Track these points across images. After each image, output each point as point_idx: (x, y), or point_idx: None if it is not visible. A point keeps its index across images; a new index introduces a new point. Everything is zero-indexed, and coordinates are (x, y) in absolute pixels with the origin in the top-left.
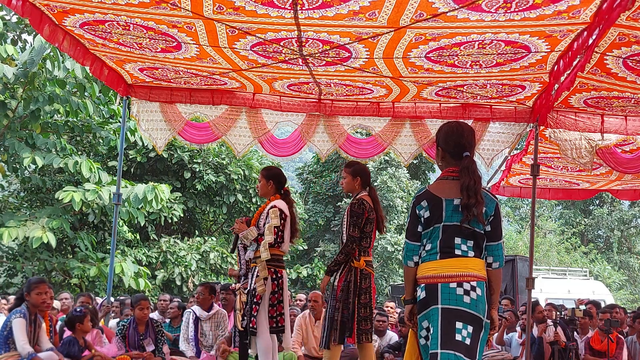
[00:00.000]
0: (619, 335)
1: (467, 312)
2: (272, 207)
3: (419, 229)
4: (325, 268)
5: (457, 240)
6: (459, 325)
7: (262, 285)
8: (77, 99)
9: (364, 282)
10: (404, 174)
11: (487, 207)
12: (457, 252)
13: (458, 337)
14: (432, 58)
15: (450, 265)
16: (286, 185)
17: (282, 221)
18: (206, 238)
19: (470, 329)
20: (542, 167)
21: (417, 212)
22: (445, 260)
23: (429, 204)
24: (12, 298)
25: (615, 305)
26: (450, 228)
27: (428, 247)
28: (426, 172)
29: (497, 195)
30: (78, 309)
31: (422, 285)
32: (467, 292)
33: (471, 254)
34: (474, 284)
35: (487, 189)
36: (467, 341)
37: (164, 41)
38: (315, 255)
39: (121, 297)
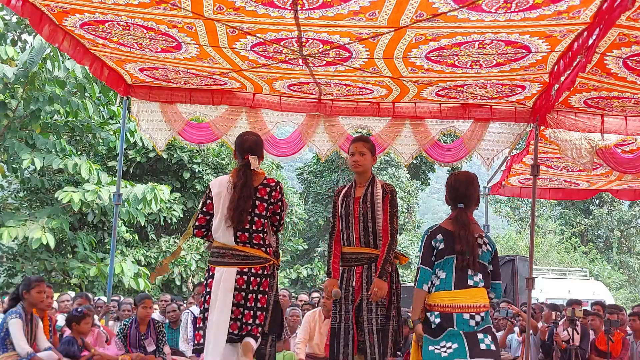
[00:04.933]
0: (625, 336)
1: (484, 327)
2: None
3: (433, 258)
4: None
5: (470, 272)
6: (480, 336)
7: (154, 274)
8: (77, 99)
9: (398, 283)
10: (404, 174)
11: (491, 247)
12: (470, 282)
13: (482, 346)
14: (432, 58)
15: (464, 297)
16: (247, 155)
17: (207, 200)
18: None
19: (490, 337)
20: (542, 167)
21: (433, 244)
22: (460, 291)
23: (443, 237)
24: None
25: (623, 308)
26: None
27: (442, 275)
28: (426, 172)
29: (497, 196)
30: (79, 309)
31: (437, 312)
32: (477, 323)
33: (481, 284)
34: (482, 314)
35: (486, 234)
36: (492, 347)
37: (164, 41)
38: (315, 255)
39: (114, 298)
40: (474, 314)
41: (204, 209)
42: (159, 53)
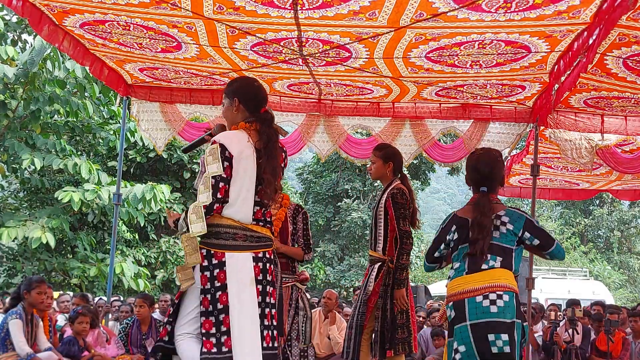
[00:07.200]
0: (625, 336)
1: (496, 322)
2: (211, 145)
3: (437, 254)
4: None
5: (486, 257)
6: (491, 337)
7: (188, 280)
8: (77, 99)
9: (391, 285)
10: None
11: (515, 224)
12: (484, 266)
13: (494, 349)
14: (432, 58)
15: (476, 279)
16: (265, 107)
17: (224, 162)
18: None
19: (504, 337)
20: (542, 167)
21: (446, 237)
22: (472, 274)
23: (457, 226)
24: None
25: (624, 307)
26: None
27: (456, 265)
28: (426, 172)
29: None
30: (76, 309)
31: (451, 304)
32: (493, 302)
33: (498, 266)
34: (500, 293)
35: (512, 207)
36: (506, 349)
37: (164, 41)
38: (315, 255)
39: (115, 298)
40: (487, 293)
41: (224, 175)
42: (159, 53)
